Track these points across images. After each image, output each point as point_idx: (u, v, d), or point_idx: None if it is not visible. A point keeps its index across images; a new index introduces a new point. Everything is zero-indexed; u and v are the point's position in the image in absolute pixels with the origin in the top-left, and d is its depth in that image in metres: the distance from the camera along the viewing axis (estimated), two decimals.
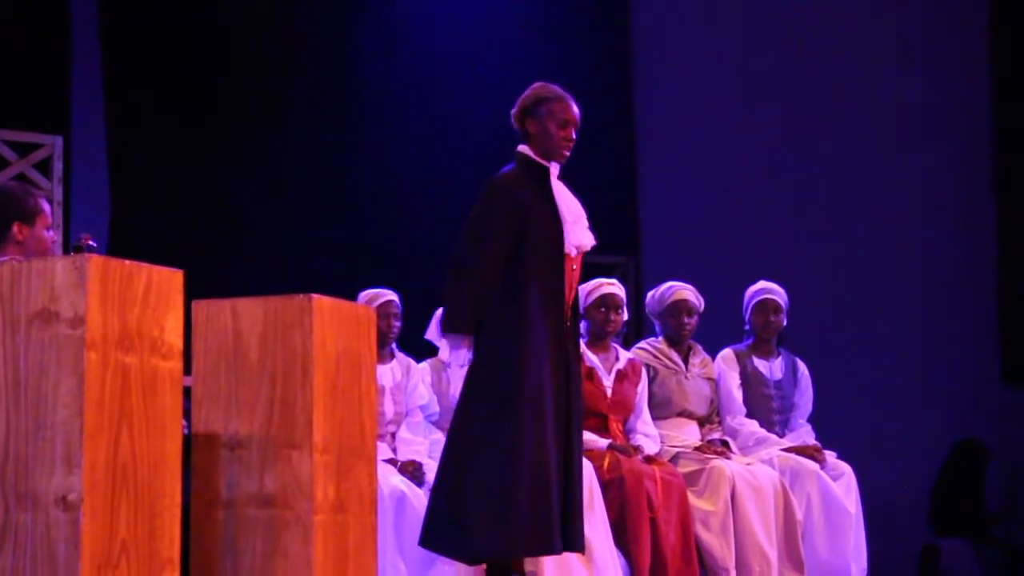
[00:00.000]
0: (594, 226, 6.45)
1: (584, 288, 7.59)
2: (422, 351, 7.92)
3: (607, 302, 7.56)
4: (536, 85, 6.39)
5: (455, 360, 6.08)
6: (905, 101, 10.73)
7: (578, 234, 6.31)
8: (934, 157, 10.69)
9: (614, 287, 7.63)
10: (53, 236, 5.61)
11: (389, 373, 7.50)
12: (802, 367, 8.12)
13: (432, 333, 7.87)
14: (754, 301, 8.02)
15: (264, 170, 10.35)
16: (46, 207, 5.54)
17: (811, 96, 10.84)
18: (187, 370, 4.35)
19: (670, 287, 7.87)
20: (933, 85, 10.73)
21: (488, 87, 10.50)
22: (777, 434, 7.93)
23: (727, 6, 11.13)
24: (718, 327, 8.26)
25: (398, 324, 7.59)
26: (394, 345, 7.63)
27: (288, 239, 10.27)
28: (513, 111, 6.38)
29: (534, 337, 6.12)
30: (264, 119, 10.39)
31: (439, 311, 7.87)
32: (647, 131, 11.24)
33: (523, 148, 6.34)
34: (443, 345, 6.13)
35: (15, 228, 5.44)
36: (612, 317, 7.54)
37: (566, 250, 6.26)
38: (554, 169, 6.33)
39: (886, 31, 10.75)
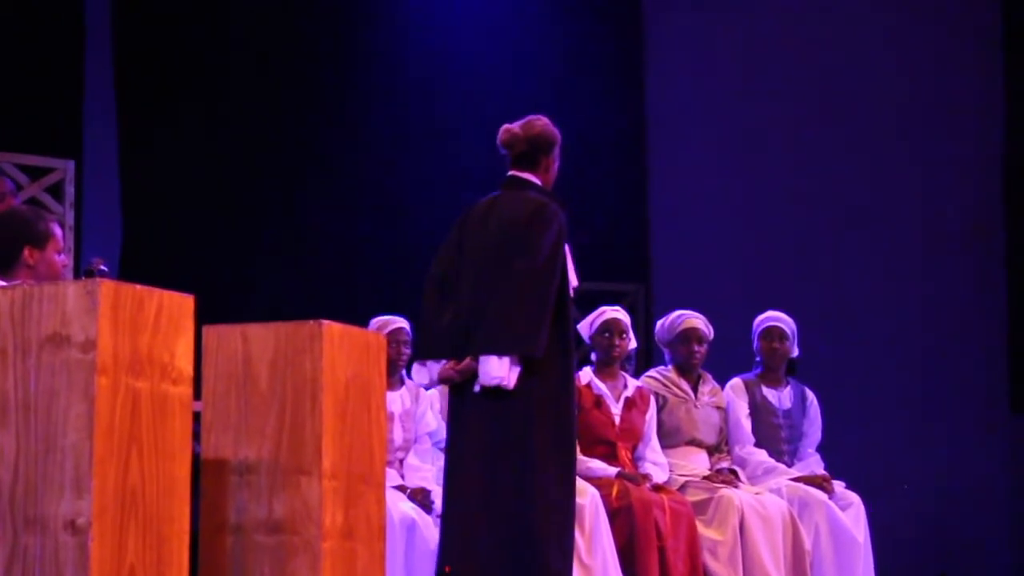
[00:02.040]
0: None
1: (588, 316, 7.66)
2: None
3: (611, 327, 7.58)
4: (548, 121, 6.41)
5: (502, 383, 6.01)
6: (917, 130, 10.73)
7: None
8: (944, 185, 10.69)
9: (618, 312, 7.66)
10: (64, 260, 5.61)
11: (398, 400, 7.51)
12: (811, 396, 8.12)
13: None
14: (760, 329, 8.05)
15: (276, 196, 10.37)
16: (57, 231, 5.54)
17: (827, 130, 10.84)
18: (197, 395, 4.36)
19: (680, 315, 7.88)
20: (947, 113, 10.73)
21: (503, 110, 10.52)
22: (786, 463, 7.93)
23: (740, 31, 11.14)
24: (729, 357, 8.26)
25: (408, 351, 7.59)
26: (403, 372, 7.63)
27: (299, 264, 10.28)
28: (524, 135, 6.35)
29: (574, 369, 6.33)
30: (278, 145, 10.41)
31: None
32: (659, 159, 11.25)
33: (533, 178, 6.34)
34: (497, 364, 6.03)
35: (26, 252, 5.44)
36: (616, 342, 7.56)
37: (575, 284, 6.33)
38: None
39: (910, 69, 10.76)
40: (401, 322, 7.60)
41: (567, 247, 6.24)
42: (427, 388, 7.00)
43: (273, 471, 4.46)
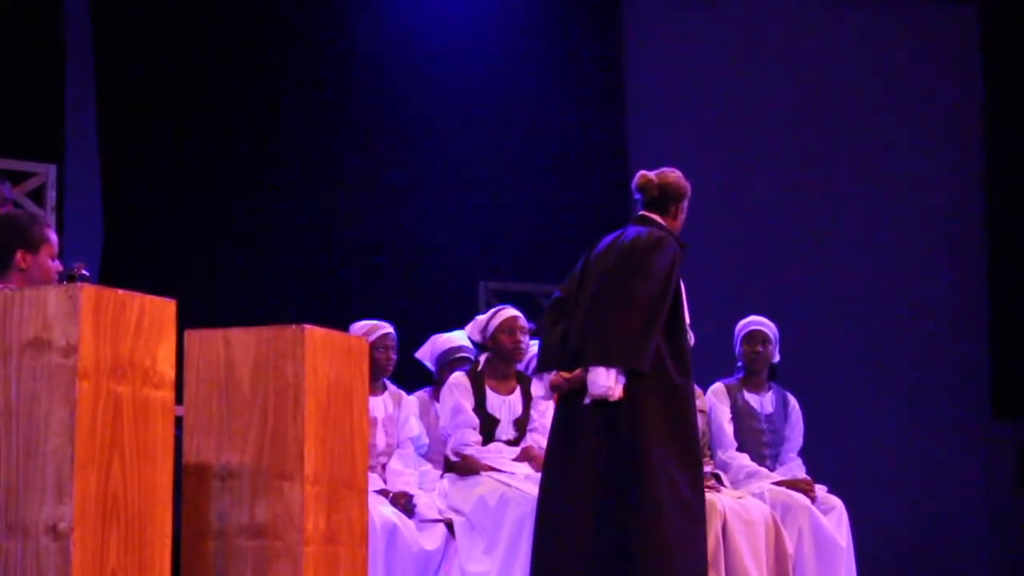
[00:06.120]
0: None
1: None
2: (411, 379, 7.93)
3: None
4: (681, 174, 6.80)
5: (608, 393, 6.23)
6: (901, 140, 10.76)
7: None
8: (929, 196, 10.72)
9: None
10: (58, 266, 5.61)
11: (381, 405, 7.49)
12: (792, 401, 8.12)
13: (424, 352, 7.90)
14: (743, 333, 8.05)
15: (258, 201, 10.34)
16: (52, 237, 5.56)
17: (808, 132, 10.86)
18: (179, 400, 4.35)
19: None
20: (929, 122, 10.75)
21: (488, 113, 10.53)
22: (768, 468, 7.93)
23: (721, 31, 11.15)
24: (713, 363, 8.26)
25: (395, 356, 7.57)
26: (386, 378, 7.61)
27: (281, 269, 10.26)
28: (658, 182, 6.72)
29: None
30: (259, 149, 10.39)
31: (438, 337, 7.91)
32: (639, 158, 11.24)
33: (663, 222, 6.66)
34: (605, 375, 6.20)
35: (18, 256, 5.45)
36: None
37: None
38: None
39: (883, 72, 10.78)
40: (387, 327, 7.56)
41: (683, 284, 6.55)
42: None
43: (255, 476, 4.45)
